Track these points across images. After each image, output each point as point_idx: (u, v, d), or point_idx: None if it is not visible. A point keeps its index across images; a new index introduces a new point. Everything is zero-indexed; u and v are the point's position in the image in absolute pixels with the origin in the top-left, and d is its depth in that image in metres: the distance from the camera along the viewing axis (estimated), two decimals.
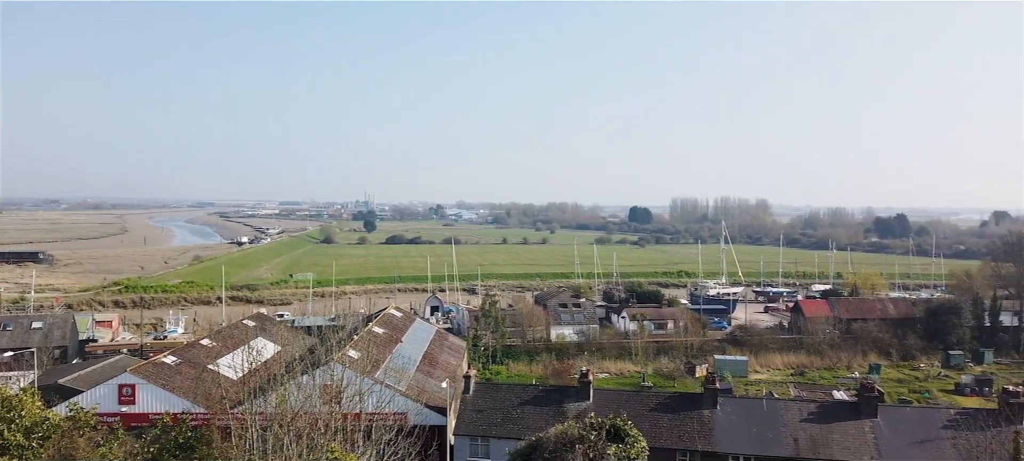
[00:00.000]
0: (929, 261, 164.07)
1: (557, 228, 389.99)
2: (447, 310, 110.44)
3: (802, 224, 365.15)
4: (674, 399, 47.92)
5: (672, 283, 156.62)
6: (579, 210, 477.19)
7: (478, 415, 46.39)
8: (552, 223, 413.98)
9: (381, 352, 51.03)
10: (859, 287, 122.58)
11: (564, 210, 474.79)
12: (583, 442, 22.06)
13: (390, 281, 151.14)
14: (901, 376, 76.20)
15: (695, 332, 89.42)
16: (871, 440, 42.42)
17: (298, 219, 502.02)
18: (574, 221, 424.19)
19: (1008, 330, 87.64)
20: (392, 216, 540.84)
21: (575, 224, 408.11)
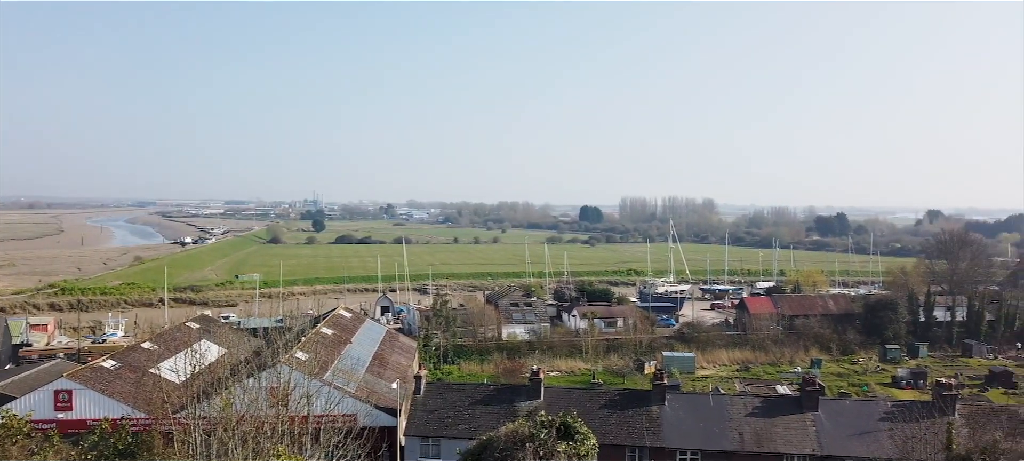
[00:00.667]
0: (867, 259, 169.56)
1: (508, 227, 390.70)
2: (398, 310, 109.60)
3: (747, 223, 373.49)
4: (623, 396, 48.54)
5: (622, 281, 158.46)
6: (530, 209, 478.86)
7: (429, 415, 46.19)
8: (503, 222, 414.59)
9: (330, 353, 50.38)
10: (801, 284, 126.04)
11: (515, 209, 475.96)
12: (534, 440, 22.18)
13: (339, 281, 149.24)
14: (841, 370, 78.63)
15: (644, 330, 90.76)
16: (812, 433, 43.69)
17: (244, 219, 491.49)
18: (525, 220, 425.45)
19: (941, 325, 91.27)
20: (341, 216, 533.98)
21: (526, 223, 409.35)
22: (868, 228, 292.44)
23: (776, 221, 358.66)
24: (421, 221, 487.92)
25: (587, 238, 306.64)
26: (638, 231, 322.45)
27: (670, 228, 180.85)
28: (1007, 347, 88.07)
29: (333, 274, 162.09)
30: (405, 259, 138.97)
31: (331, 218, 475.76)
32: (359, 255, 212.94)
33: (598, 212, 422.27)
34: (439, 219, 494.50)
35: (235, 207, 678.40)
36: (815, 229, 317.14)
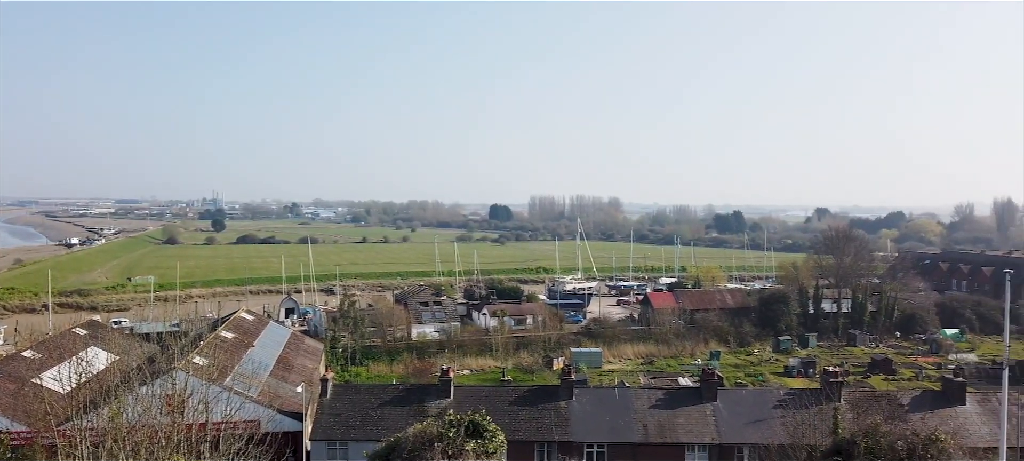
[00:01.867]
0: (762, 255, 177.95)
1: (418, 226, 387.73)
2: (304, 312, 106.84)
3: (651, 221, 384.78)
4: (532, 392, 49.08)
5: (531, 279, 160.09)
6: (440, 208, 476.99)
7: (336, 418, 45.27)
8: (413, 221, 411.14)
9: (230, 358, 48.52)
10: (701, 280, 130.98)
11: (425, 208, 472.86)
12: (442, 440, 22.12)
13: (241, 283, 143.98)
14: (738, 361, 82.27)
15: (553, 326, 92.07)
16: (712, 422, 45.52)
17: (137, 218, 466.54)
18: (435, 219, 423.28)
19: (829, 316, 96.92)
20: (243, 215, 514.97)
21: (436, 222, 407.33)
22: (763, 226, 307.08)
23: (678, 219, 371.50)
24: (328, 220, 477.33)
25: (497, 236, 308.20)
26: (547, 229, 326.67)
27: (578, 226, 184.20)
28: (887, 336, 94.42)
29: (234, 276, 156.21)
30: (311, 259, 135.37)
31: (232, 218, 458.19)
32: (262, 256, 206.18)
33: (508, 211, 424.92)
34: (347, 218, 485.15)
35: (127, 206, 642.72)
36: (714, 227, 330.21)
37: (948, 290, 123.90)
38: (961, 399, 45.92)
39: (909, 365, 79.51)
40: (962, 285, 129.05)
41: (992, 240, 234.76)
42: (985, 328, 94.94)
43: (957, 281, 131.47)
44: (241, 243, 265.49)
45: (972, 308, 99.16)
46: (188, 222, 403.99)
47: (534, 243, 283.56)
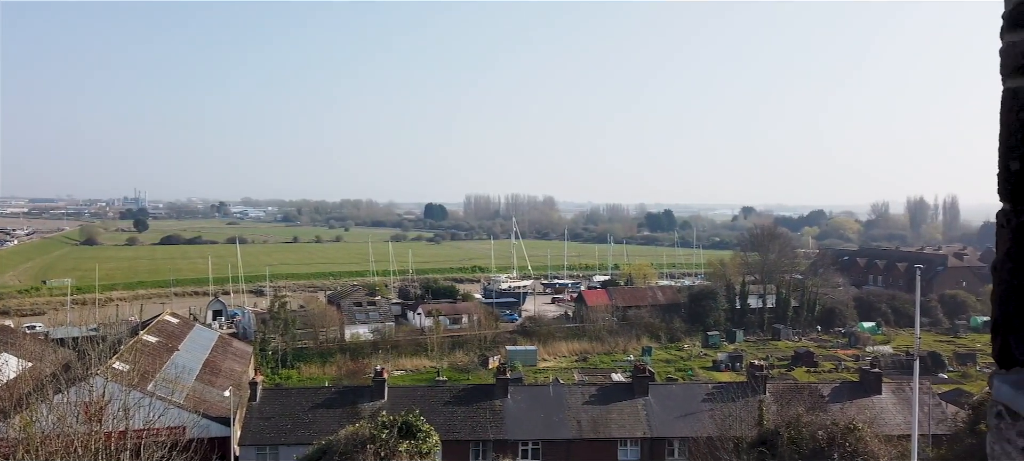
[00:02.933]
0: (691, 252, 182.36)
1: (352, 226, 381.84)
2: (232, 314, 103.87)
3: (584, 220, 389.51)
4: (468, 391, 49.09)
5: (466, 278, 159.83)
6: (374, 207, 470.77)
7: (266, 422, 44.24)
8: (346, 221, 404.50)
9: (153, 363, 46.80)
10: (633, 277, 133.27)
11: (359, 207, 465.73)
12: (375, 441, 21.86)
13: (165, 285, 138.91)
14: (669, 356, 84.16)
15: (488, 325, 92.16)
16: (643, 416, 46.46)
17: (53, 218, 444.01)
18: (369, 218, 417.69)
19: (755, 311, 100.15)
20: (168, 214, 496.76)
21: (371, 221, 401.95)
22: (692, 224, 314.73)
23: (611, 217, 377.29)
24: (258, 220, 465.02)
25: (432, 235, 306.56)
26: (482, 228, 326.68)
27: (513, 225, 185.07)
28: (809, 330, 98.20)
29: (158, 277, 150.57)
30: (239, 259, 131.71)
31: (156, 217, 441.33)
32: (188, 256, 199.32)
33: (443, 209, 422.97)
34: (277, 217, 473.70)
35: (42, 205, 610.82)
36: (646, 225, 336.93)
37: (865, 285, 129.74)
38: (877, 389, 48.19)
39: (829, 357, 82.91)
40: (878, 280, 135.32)
41: (905, 237, 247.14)
42: (899, 321, 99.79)
43: (873, 276, 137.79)
44: (165, 243, 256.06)
45: (887, 302, 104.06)
46: (108, 222, 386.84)
47: (470, 242, 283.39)
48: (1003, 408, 3.66)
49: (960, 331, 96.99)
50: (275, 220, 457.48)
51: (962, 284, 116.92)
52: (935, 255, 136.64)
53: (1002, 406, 3.66)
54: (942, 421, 43.19)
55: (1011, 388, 3.52)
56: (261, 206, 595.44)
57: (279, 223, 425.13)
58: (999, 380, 3.70)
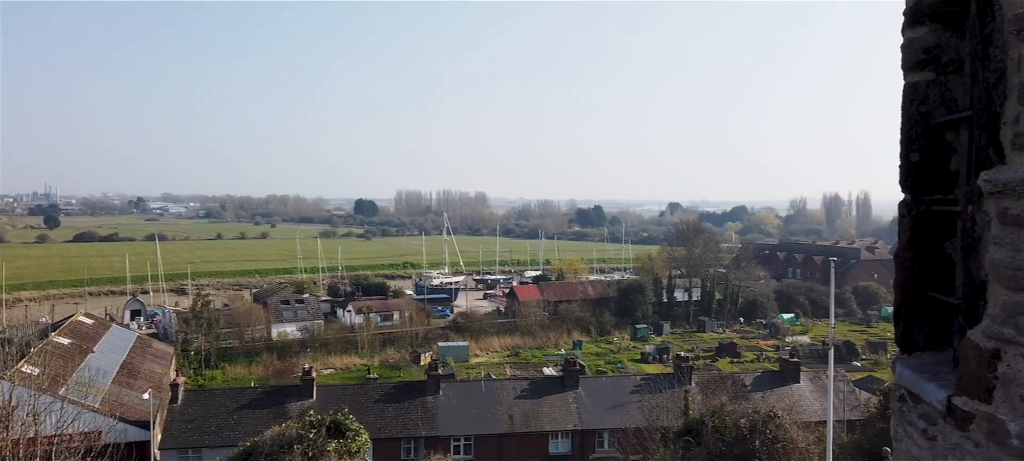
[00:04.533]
0: (620, 247, 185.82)
1: (278, 222, 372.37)
2: (152, 313, 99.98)
3: (516, 216, 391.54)
4: (399, 388, 48.71)
5: (398, 274, 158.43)
6: (302, 203, 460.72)
7: (188, 425, 42.81)
8: (273, 217, 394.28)
9: (66, 365, 44.55)
10: (564, 272, 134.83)
11: (285, 203, 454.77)
12: (302, 442, 21.41)
13: (79, 284, 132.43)
14: (599, 350, 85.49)
15: (420, 321, 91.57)
16: (574, 409, 47.07)
17: None
18: (297, 214, 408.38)
19: (681, 304, 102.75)
20: (81, 211, 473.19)
21: (298, 217, 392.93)
22: (621, 219, 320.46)
23: (542, 213, 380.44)
24: (178, 216, 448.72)
25: (363, 232, 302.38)
26: (414, 224, 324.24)
27: (445, 221, 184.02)
28: (732, 322, 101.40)
29: (71, 276, 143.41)
30: (159, 257, 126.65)
31: (68, 213, 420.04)
32: (104, 254, 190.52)
33: (374, 205, 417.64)
34: (200, 214, 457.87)
35: None
36: (576, 220, 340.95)
37: (785, 278, 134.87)
38: (796, 378, 50.23)
39: (751, 348, 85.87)
40: (797, 273, 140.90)
41: (822, 231, 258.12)
42: (816, 312, 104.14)
43: (792, 269, 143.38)
44: (79, 241, 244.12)
45: (805, 294, 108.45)
46: (16, 219, 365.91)
47: (401, 238, 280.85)
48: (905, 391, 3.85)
49: (872, 321, 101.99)
50: (197, 216, 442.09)
51: (874, 276, 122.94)
52: (849, 248, 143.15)
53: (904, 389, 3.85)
54: (856, 407, 45.37)
55: (912, 372, 3.71)
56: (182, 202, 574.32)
57: (201, 220, 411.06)
58: (901, 364, 3.89)
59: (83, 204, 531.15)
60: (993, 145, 2.41)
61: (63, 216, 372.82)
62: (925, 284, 3.35)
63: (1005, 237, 2.42)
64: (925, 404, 3.48)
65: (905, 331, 3.73)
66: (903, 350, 3.87)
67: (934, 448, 3.38)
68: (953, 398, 3.12)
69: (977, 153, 2.60)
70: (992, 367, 2.75)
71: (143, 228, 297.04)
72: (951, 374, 3.33)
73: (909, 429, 3.68)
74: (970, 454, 3.05)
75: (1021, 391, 2.65)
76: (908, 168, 3.21)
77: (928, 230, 3.21)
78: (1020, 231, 2.36)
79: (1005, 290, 2.56)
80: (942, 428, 3.30)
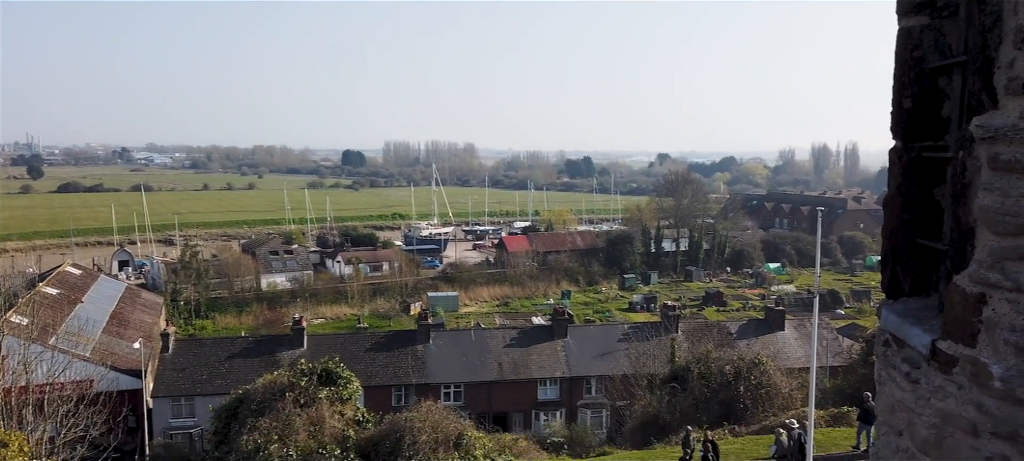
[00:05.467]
0: (609, 198, 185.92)
1: (265, 173, 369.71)
2: (140, 264, 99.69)
3: (505, 167, 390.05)
4: (389, 337, 49.07)
5: (387, 225, 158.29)
6: (289, 154, 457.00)
7: (179, 374, 43.09)
8: (260, 167, 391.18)
9: (55, 315, 44.52)
10: (553, 223, 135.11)
11: (272, 153, 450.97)
12: (293, 389, 21.62)
13: (65, 235, 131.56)
14: (587, 299, 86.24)
15: (409, 272, 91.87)
16: (562, 357, 47.66)
17: None
18: (284, 165, 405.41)
19: (669, 254, 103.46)
20: (65, 161, 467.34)
21: (285, 168, 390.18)
22: (610, 170, 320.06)
23: (531, 164, 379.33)
24: (164, 167, 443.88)
25: (351, 183, 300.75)
26: (402, 175, 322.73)
27: (433, 172, 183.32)
28: (719, 271, 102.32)
29: (57, 227, 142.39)
30: (145, 208, 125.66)
31: (52, 164, 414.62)
32: (89, 205, 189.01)
33: (361, 156, 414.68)
34: (185, 164, 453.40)
35: None
36: (565, 171, 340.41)
37: (772, 228, 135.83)
38: (780, 326, 50.96)
39: (737, 297, 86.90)
40: (784, 223, 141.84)
41: (810, 182, 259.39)
42: (802, 261, 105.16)
43: (780, 220, 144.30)
44: (63, 191, 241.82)
45: (792, 244, 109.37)
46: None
47: (389, 189, 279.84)
48: (890, 336, 3.92)
49: (857, 270, 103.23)
50: (183, 167, 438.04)
51: (860, 226, 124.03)
52: (836, 199, 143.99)
53: (889, 334, 3.92)
54: (838, 354, 46.18)
55: (897, 317, 3.76)
56: (167, 152, 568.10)
57: (187, 170, 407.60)
58: (887, 310, 3.95)
59: (66, 154, 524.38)
60: (986, 89, 2.41)
61: (46, 166, 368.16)
62: (913, 231, 3.37)
63: (995, 182, 2.44)
64: (909, 348, 3.55)
65: (892, 277, 3.77)
66: (889, 296, 3.92)
67: (917, 391, 3.45)
68: (937, 342, 3.18)
69: (970, 98, 2.59)
70: (977, 311, 2.79)
71: (128, 178, 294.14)
72: (936, 319, 3.38)
73: (893, 373, 3.75)
74: (952, 396, 3.11)
75: (1005, 335, 2.70)
76: (900, 114, 3.20)
77: (918, 177, 3.22)
78: (1010, 176, 2.37)
79: (993, 235, 2.58)
80: (925, 372, 3.36)
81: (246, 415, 21.43)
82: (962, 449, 3.07)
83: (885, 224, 3.57)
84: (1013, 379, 2.72)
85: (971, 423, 2.99)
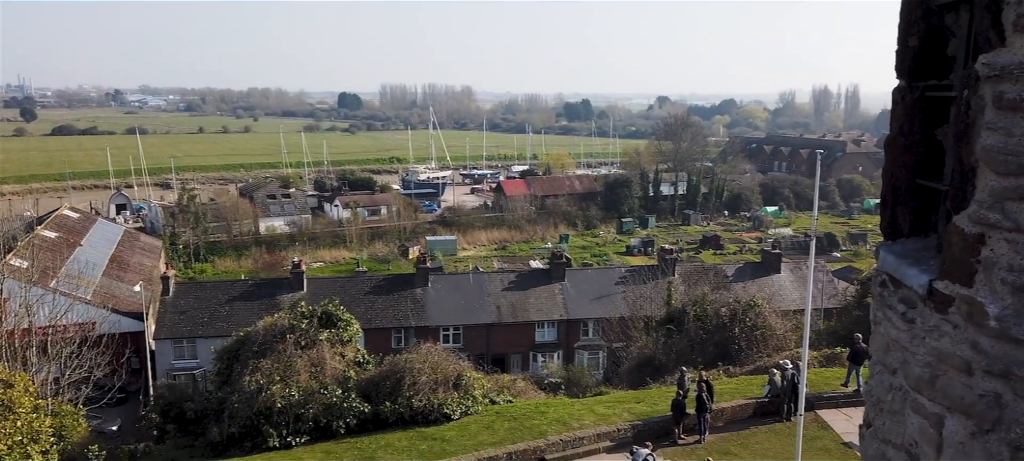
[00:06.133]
0: (608, 141, 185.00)
1: (261, 116, 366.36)
2: (137, 207, 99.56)
3: (503, 110, 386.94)
4: (388, 281, 49.39)
5: (384, 169, 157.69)
6: (284, 96, 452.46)
7: (181, 316, 43.48)
8: (255, 110, 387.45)
9: (55, 258, 44.69)
10: (551, 166, 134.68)
11: (267, 96, 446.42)
12: (294, 331, 21.85)
13: (62, 178, 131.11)
14: (585, 243, 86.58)
15: (407, 216, 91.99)
16: (560, 300, 48.08)
17: None
18: (279, 108, 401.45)
19: (667, 198, 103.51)
20: (57, 103, 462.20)
21: (281, 111, 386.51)
22: (609, 113, 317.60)
23: (529, 108, 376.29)
24: (158, 109, 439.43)
25: (347, 126, 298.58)
26: (399, 118, 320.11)
27: (430, 115, 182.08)
28: (717, 215, 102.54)
29: (53, 170, 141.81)
30: (141, 151, 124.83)
31: (44, 106, 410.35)
32: (84, 148, 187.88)
33: (357, 99, 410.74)
34: (180, 107, 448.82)
35: None
36: (564, 114, 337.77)
37: (771, 171, 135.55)
38: (776, 269, 51.30)
39: (735, 240, 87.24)
40: (783, 166, 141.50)
41: (809, 124, 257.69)
42: (800, 205, 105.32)
43: (778, 163, 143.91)
44: (58, 134, 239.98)
45: (790, 187, 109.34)
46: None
47: (386, 133, 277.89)
48: (887, 277, 3.94)
49: (854, 213, 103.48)
50: (177, 110, 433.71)
51: (858, 169, 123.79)
52: (835, 141, 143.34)
53: (886, 275, 3.94)
54: (833, 296, 46.61)
55: (895, 258, 3.78)
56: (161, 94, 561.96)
57: (181, 113, 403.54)
58: (885, 250, 3.97)
59: (59, 96, 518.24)
60: (994, 26, 2.37)
61: (39, 109, 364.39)
62: (914, 171, 3.37)
63: (999, 122, 2.42)
64: (906, 288, 3.58)
65: (891, 218, 3.78)
66: (887, 237, 3.93)
67: (912, 331, 3.49)
68: (934, 282, 3.20)
69: (977, 36, 2.56)
70: (976, 251, 2.81)
71: (122, 121, 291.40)
72: (934, 260, 3.40)
73: (889, 313, 3.79)
74: (947, 336, 3.15)
75: (1003, 275, 2.72)
76: (905, 53, 3.16)
77: (921, 117, 3.20)
78: (1015, 115, 2.36)
79: (994, 175, 2.58)
80: (921, 311, 3.40)
81: (248, 357, 21.69)
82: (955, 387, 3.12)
83: (886, 165, 3.56)
84: (1009, 318, 2.75)
85: (965, 362, 3.03)
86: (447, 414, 21.54)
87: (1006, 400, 2.79)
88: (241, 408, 20.39)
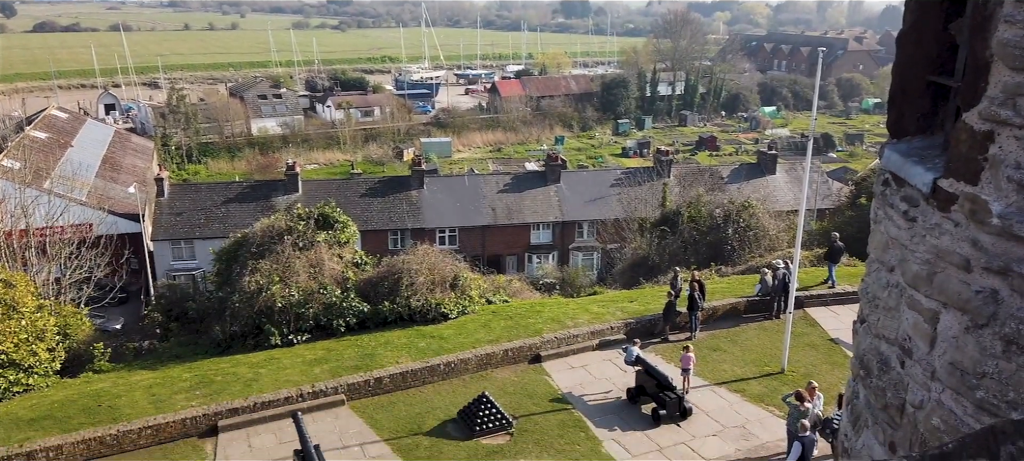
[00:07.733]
0: (605, 39, 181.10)
1: (248, 12, 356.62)
2: (127, 108, 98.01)
3: (498, 6, 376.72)
4: (384, 183, 49.36)
5: (376, 69, 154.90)
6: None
7: (177, 218, 43.64)
8: (241, 6, 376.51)
9: (47, 159, 44.41)
10: (547, 66, 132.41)
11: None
12: (292, 233, 21.94)
13: (47, 77, 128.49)
14: (581, 145, 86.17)
15: (401, 117, 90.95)
16: (556, 202, 48.28)
17: None
18: (267, 4, 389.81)
19: (664, 98, 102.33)
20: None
21: (268, 7, 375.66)
22: (607, 10, 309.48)
23: (525, 4, 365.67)
24: (141, 5, 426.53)
25: (337, 23, 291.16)
26: (390, 15, 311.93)
27: (423, 11, 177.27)
28: (714, 115, 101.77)
29: (37, 69, 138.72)
30: (126, 49, 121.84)
31: (24, 2, 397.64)
32: (68, 45, 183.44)
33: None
34: (164, 2, 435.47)
35: None
36: (561, 11, 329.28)
37: (770, 70, 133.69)
38: (772, 170, 51.36)
39: (731, 141, 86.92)
40: (782, 65, 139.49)
41: (812, 22, 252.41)
42: (798, 105, 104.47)
43: (779, 61, 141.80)
44: (39, 31, 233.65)
45: (789, 86, 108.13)
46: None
47: (377, 30, 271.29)
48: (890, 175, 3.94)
49: (852, 113, 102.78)
50: (161, 5, 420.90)
51: (859, 68, 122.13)
52: (837, 39, 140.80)
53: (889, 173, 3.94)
54: (827, 196, 46.87)
55: (900, 156, 3.77)
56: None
57: (166, 8, 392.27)
58: (889, 149, 3.95)
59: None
60: None
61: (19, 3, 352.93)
62: (925, 68, 3.31)
63: (1018, 14, 2.36)
64: (909, 186, 3.59)
65: (898, 116, 3.75)
66: (893, 135, 3.91)
67: (913, 229, 3.52)
68: (939, 180, 3.20)
69: None
70: (983, 149, 2.79)
71: (105, 17, 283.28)
72: (939, 158, 3.39)
73: (890, 211, 3.82)
74: (948, 234, 3.18)
75: (1009, 172, 2.72)
76: None
77: (935, 11, 3.12)
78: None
79: (1008, 70, 2.54)
80: (923, 209, 3.42)
81: (246, 258, 21.84)
82: (953, 283, 3.18)
83: (896, 60, 3.50)
84: (1011, 216, 2.77)
85: (964, 259, 3.07)
86: (445, 313, 21.95)
87: (1003, 296, 2.84)
88: (242, 308, 20.71)
